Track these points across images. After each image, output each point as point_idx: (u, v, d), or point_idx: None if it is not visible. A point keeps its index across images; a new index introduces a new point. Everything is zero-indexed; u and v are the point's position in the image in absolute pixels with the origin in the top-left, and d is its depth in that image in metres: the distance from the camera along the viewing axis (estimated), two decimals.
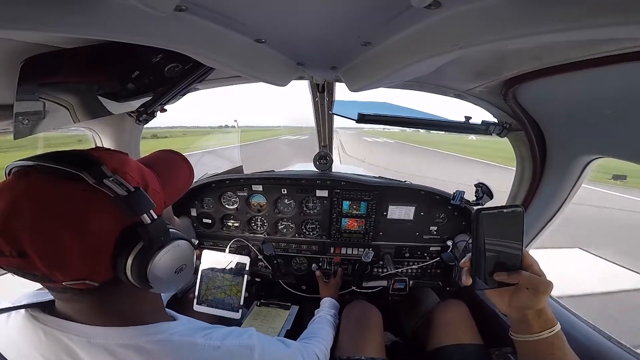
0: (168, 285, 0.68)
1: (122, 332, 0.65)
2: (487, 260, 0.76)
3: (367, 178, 2.14)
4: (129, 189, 0.60)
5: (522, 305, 0.75)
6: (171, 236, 0.68)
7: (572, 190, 1.35)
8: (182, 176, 0.91)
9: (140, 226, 0.62)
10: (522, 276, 0.74)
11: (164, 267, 0.65)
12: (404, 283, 2.06)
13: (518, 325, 0.79)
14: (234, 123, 35.06)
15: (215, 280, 1.75)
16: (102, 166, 0.60)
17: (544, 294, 0.72)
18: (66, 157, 0.60)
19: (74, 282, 0.58)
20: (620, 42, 0.69)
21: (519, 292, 0.75)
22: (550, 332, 0.74)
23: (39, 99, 0.92)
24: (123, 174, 0.63)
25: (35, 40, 0.80)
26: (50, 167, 0.57)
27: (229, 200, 2.21)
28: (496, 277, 0.76)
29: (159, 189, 0.75)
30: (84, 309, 0.65)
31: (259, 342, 0.79)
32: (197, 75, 1.20)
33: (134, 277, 0.62)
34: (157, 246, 0.64)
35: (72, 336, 0.62)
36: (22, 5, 0.56)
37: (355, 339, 1.46)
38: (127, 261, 0.61)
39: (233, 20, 0.82)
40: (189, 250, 0.72)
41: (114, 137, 1.68)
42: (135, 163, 0.72)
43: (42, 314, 0.66)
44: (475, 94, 1.38)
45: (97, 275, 0.60)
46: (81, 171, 0.56)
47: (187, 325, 0.76)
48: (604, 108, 0.95)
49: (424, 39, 0.79)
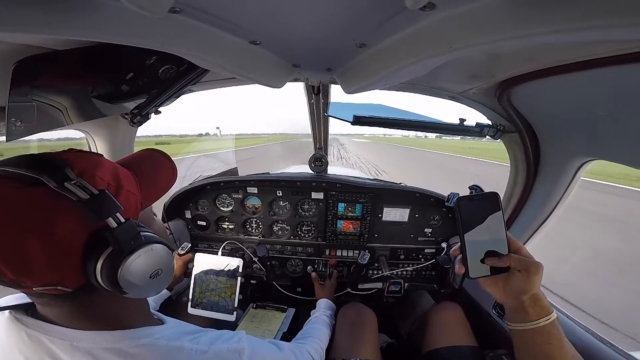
0: (144, 290, 0.66)
1: (105, 336, 0.64)
2: (477, 248, 0.77)
3: (362, 180, 2.14)
4: (92, 192, 0.58)
5: (517, 289, 0.75)
6: (144, 240, 0.66)
7: (566, 192, 1.36)
8: (163, 175, 0.89)
9: (107, 230, 0.60)
10: (512, 258, 0.75)
11: (137, 272, 0.63)
12: (399, 285, 2.05)
13: (514, 314, 0.79)
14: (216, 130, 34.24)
15: (209, 283, 1.75)
16: (66, 169, 0.58)
17: (535, 275, 0.73)
18: (29, 161, 0.58)
19: (45, 287, 0.57)
20: (614, 44, 0.70)
21: (512, 277, 0.76)
22: (547, 319, 0.73)
23: (32, 101, 0.91)
24: (91, 176, 0.62)
25: (28, 42, 0.79)
26: (12, 172, 0.55)
27: (223, 202, 2.20)
28: (487, 262, 0.77)
29: (134, 190, 0.74)
30: (64, 313, 0.64)
31: (248, 345, 0.79)
32: (191, 77, 1.19)
33: (105, 282, 0.60)
34: (127, 250, 0.62)
35: (55, 339, 0.61)
36: (14, 7, 0.56)
37: (350, 340, 1.46)
38: (97, 266, 0.59)
39: (228, 22, 0.82)
40: (165, 254, 0.70)
41: (108, 139, 1.67)
42: (110, 164, 0.71)
43: (25, 317, 0.65)
44: (470, 96, 1.38)
45: (68, 280, 0.59)
46: (42, 175, 0.55)
47: (175, 329, 0.75)
48: (597, 110, 0.96)
49: (418, 40, 0.80)
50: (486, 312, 1.59)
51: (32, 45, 0.81)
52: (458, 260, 0.80)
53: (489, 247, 0.77)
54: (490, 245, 0.77)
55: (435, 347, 1.47)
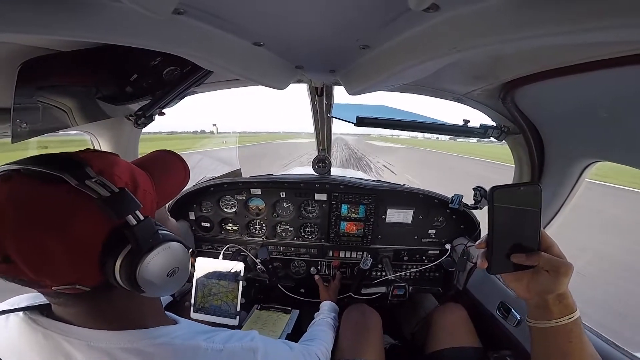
0: (161, 289, 0.66)
1: (122, 335, 0.64)
2: (504, 242, 0.73)
3: (365, 182, 2.14)
4: (112, 190, 0.58)
5: (543, 289, 0.71)
6: (162, 238, 0.66)
7: (570, 193, 1.35)
8: (177, 176, 0.89)
9: (127, 228, 0.60)
10: (542, 257, 0.70)
11: (155, 270, 0.63)
12: (404, 289, 2.03)
13: (536, 310, 0.76)
14: (213, 128, 33.75)
15: (211, 287, 1.74)
16: (86, 167, 0.58)
17: (564, 276, 0.69)
18: (50, 159, 0.58)
19: (64, 286, 0.57)
20: (619, 45, 0.70)
21: (538, 275, 0.72)
22: (569, 318, 0.70)
23: (37, 102, 0.91)
24: (110, 175, 0.62)
25: (33, 43, 0.80)
26: (33, 170, 0.55)
27: (227, 203, 2.20)
28: (513, 259, 0.73)
29: (150, 190, 0.73)
30: (81, 312, 0.64)
31: (262, 344, 0.79)
32: (195, 79, 1.19)
33: (124, 281, 0.60)
34: (145, 248, 0.62)
35: (72, 340, 0.61)
36: (20, 9, 0.56)
37: (354, 342, 1.46)
38: (115, 265, 0.59)
39: (231, 23, 0.82)
40: (181, 252, 0.70)
41: (112, 140, 1.68)
42: (126, 164, 0.71)
43: (41, 317, 0.65)
44: (474, 97, 1.38)
45: (86, 279, 0.59)
46: (63, 173, 0.55)
47: (189, 328, 0.75)
48: (601, 112, 0.95)
49: (422, 42, 0.80)
50: (490, 313, 1.58)
51: (37, 46, 0.81)
52: (481, 255, 0.76)
53: (517, 242, 0.73)
54: (519, 239, 0.73)
55: (439, 348, 1.47)
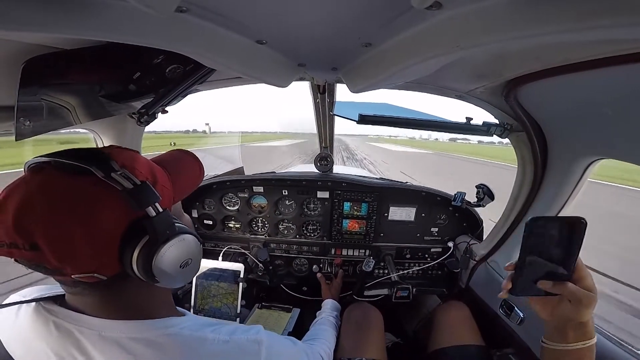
0: (174, 279, 0.69)
1: (133, 325, 0.66)
2: (533, 268, 0.73)
3: (368, 179, 2.14)
4: (135, 182, 0.62)
5: (565, 316, 0.73)
6: (177, 230, 0.69)
7: (574, 191, 1.34)
8: (191, 174, 0.93)
9: (146, 219, 0.63)
10: (567, 288, 0.72)
11: (169, 261, 0.66)
12: (408, 291, 1.94)
13: (553, 332, 0.78)
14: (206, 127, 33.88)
15: (210, 289, 1.75)
16: (111, 161, 0.62)
17: (586, 308, 0.70)
18: (79, 153, 0.62)
19: (83, 275, 0.59)
20: (622, 43, 0.69)
21: (562, 303, 0.74)
22: (583, 344, 0.72)
23: (41, 100, 0.92)
24: (132, 169, 0.65)
25: (36, 41, 0.80)
26: (63, 162, 0.59)
27: (230, 201, 2.21)
28: (540, 285, 0.74)
29: (168, 185, 0.77)
30: (95, 302, 0.67)
31: (266, 337, 0.80)
32: (198, 77, 1.19)
33: (140, 270, 0.63)
34: (162, 239, 0.65)
35: (84, 329, 0.63)
36: (23, 7, 0.57)
37: (356, 340, 1.46)
38: (133, 254, 0.62)
39: (234, 21, 0.82)
40: (194, 244, 0.73)
41: (115, 138, 1.68)
42: (145, 160, 0.75)
43: (55, 306, 0.67)
44: (477, 95, 1.37)
45: (105, 268, 0.62)
46: (91, 165, 0.59)
47: (196, 320, 0.77)
48: (605, 109, 0.95)
49: (425, 39, 0.79)
50: (493, 311, 1.58)
51: (40, 44, 0.82)
52: (508, 276, 0.77)
53: (549, 270, 0.73)
54: (550, 268, 0.73)
55: (442, 346, 1.47)
